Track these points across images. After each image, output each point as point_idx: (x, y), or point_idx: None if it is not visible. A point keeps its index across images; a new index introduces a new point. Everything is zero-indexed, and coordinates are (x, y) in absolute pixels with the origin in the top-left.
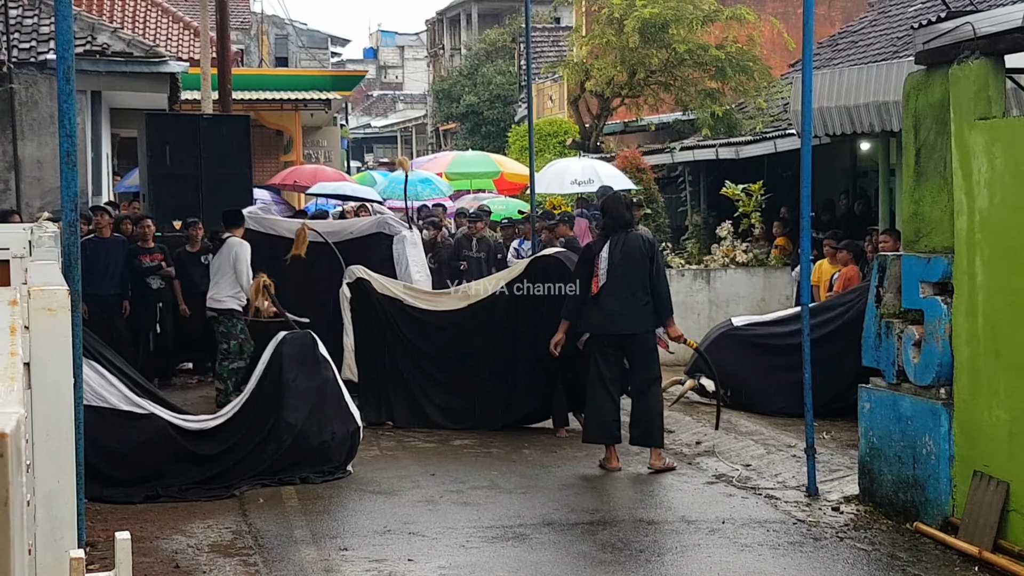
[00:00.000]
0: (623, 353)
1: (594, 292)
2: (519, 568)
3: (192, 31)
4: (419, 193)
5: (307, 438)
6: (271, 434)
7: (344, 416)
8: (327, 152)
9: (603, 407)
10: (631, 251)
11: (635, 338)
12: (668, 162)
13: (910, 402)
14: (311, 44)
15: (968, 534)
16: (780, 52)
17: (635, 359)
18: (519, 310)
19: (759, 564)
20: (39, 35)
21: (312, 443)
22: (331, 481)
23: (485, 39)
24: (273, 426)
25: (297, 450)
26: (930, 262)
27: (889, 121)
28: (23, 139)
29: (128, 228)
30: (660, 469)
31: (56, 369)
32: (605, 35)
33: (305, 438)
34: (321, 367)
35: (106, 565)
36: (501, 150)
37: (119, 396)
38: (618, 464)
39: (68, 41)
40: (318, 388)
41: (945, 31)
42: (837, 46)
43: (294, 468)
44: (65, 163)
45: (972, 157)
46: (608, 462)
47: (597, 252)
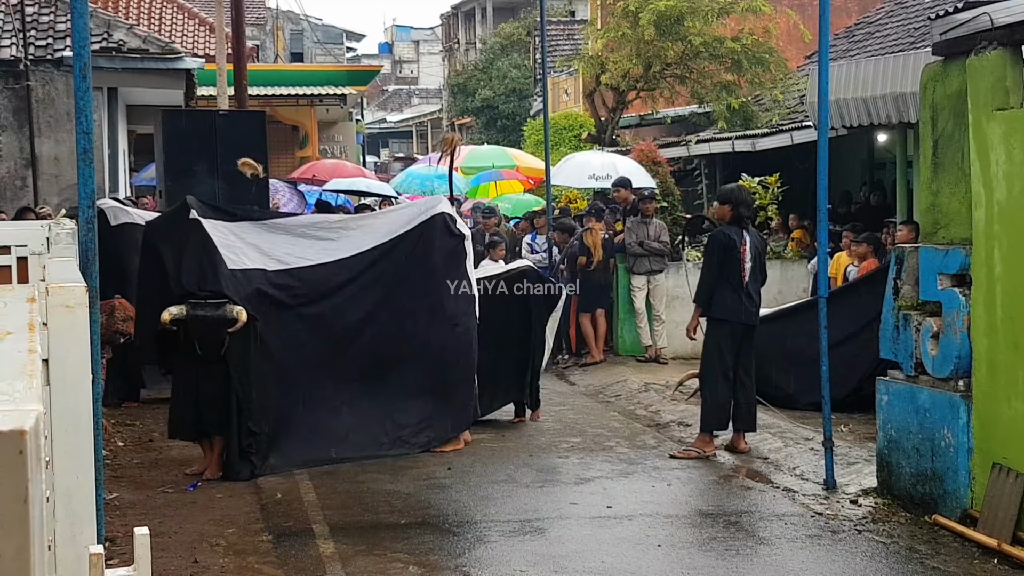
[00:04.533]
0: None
1: (744, 281)
2: (537, 562)
3: (207, 27)
4: (435, 188)
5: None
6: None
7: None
8: (343, 147)
9: (725, 395)
10: (757, 242)
11: (754, 328)
12: (684, 155)
13: (928, 394)
14: (326, 39)
15: (987, 526)
16: (796, 44)
17: (745, 349)
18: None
19: (777, 557)
20: (55, 32)
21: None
22: (350, 476)
23: (500, 33)
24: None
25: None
26: (948, 254)
27: (906, 112)
28: (40, 136)
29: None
30: (744, 452)
31: (74, 365)
32: (620, 28)
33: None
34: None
35: (125, 560)
36: (516, 144)
37: None
38: (747, 446)
39: (84, 38)
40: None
41: (962, 21)
42: (854, 37)
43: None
44: (82, 160)
45: (990, 148)
46: (706, 447)
47: (737, 241)
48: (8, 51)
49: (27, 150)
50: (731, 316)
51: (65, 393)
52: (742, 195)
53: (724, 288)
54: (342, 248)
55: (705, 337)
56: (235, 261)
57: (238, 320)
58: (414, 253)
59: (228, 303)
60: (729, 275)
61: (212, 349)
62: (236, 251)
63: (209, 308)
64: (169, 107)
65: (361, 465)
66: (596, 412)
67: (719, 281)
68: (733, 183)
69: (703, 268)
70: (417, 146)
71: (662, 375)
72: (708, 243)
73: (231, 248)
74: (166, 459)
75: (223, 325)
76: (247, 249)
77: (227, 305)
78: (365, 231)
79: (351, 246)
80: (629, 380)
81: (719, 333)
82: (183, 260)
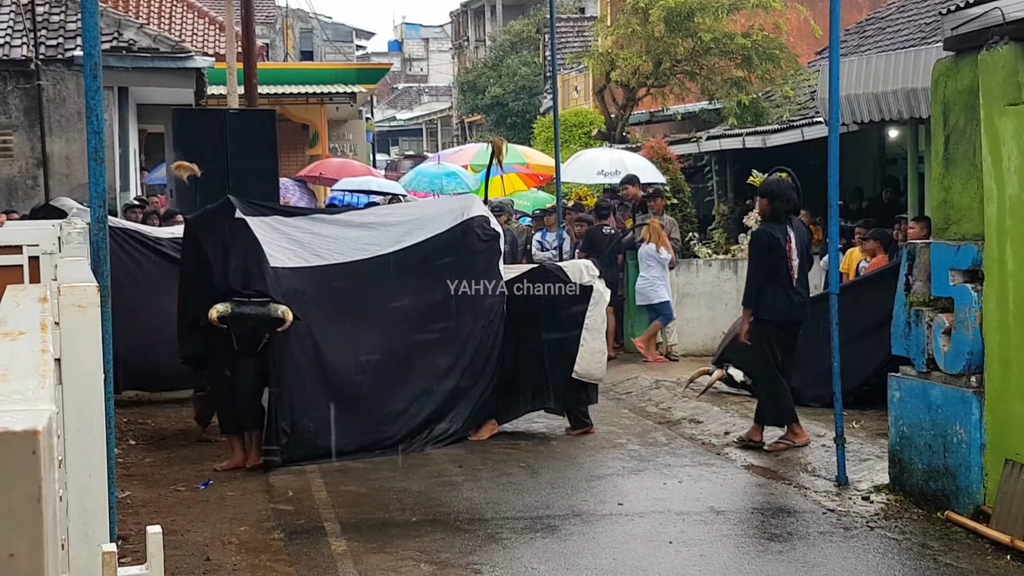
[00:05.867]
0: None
1: (793, 279)
2: (548, 559)
3: (217, 26)
4: (443, 187)
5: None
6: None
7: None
8: (353, 145)
9: (783, 390)
10: (802, 236)
11: (800, 324)
12: (694, 152)
13: (940, 391)
14: (336, 38)
15: (1000, 523)
16: (807, 39)
17: (792, 344)
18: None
19: (789, 554)
20: (66, 32)
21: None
22: (361, 474)
23: (510, 30)
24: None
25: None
26: (960, 250)
27: (918, 108)
28: (51, 135)
29: (155, 224)
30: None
31: (87, 365)
32: (630, 25)
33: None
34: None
35: (138, 559)
36: (527, 141)
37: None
38: (808, 437)
39: (95, 38)
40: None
41: (974, 16)
42: (865, 33)
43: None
44: (93, 159)
45: (1002, 143)
46: (797, 438)
47: (782, 239)
48: (19, 51)
49: (38, 149)
50: (779, 317)
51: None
52: (781, 188)
53: (772, 288)
54: (381, 244)
55: (753, 336)
56: (278, 259)
57: (284, 320)
58: (454, 251)
59: (271, 302)
60: (777, 275)
61: (250, 345)
62: (279, 248)
63: (254, 306)
64: (180, 106)
65: (372, 463)
66: (607, 409)
67: (767, 281)
68: (775, 175)
69: (749, 269)
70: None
71: (673, 372)
72: (751, 243)
73: (274, 245)
74: (178, 457)
75: (265, 323)
76: (290, 245)
77: (271, 304)
78: (404, 227)
79: (390, 241)
80: (640, 377)
81: (768, 332)
82: (229, 259)
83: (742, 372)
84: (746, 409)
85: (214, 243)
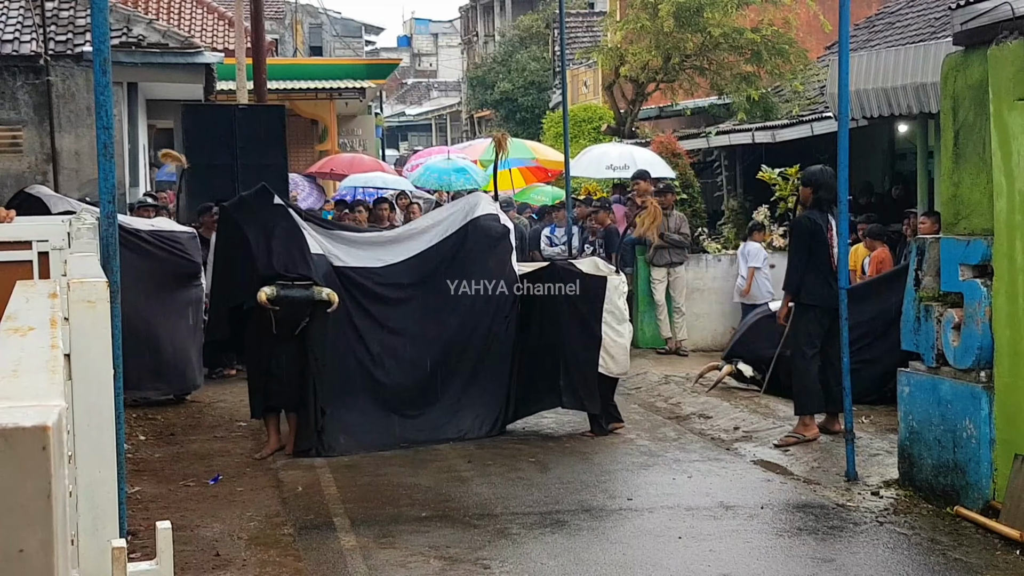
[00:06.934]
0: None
1: (833, 266)
2: (558, 554)
3: (227, 21)
4: (452, 183)
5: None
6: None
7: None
8: (362, 141)
9: (817, 378)
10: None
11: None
12: (704, 147)
13: (950, 386)
14: (345, 33)
15: (1009, 518)
16: (816, 34)
17: (832, 330)
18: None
19: (799, 549)
20: (75, 27)
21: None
22: (371, 469)
23: (519, 25)
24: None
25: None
26: (969, 244)
27: (927, 103)
28: (60, 131)
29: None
30: (838, 432)
31: (96, 360)
32: (639, 20)
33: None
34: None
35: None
36: (536, 136)
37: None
38: (818, 431)
39: (104, 33)
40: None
41: (983, 11)
42: (874, 27)
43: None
44: (102, 155)
45: (1012, 138)
46: (807, 430)
47: (824, 226)
48: (28, 46)
49: (47, 145)
50: (820, 302)
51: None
52: (824, 178)
53: (814, 274)
54: (398, 254)
55: (793, 322)
56: (315, 248)
57: (331, 301)
58: (470, 249)
59: (315, 285)
60: (818, 261)
61: (289, 329)
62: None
63: (298, 289)
64: (189, 102)
65: (381, 458)
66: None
67: (809, 267)
68: (818, 165)
69: (790, 254)
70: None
71: (682, 367)
72: (793, 229)
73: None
74: (188, 453)
75: (309, 305)
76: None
77: (314, 287)
78: (416, 238)
79: (407, 252)
80: (649, 372)
81: (808, 318)
82: (272, 243)
83: (751, 367)
84: (755, 404)
85: (255, 228)
